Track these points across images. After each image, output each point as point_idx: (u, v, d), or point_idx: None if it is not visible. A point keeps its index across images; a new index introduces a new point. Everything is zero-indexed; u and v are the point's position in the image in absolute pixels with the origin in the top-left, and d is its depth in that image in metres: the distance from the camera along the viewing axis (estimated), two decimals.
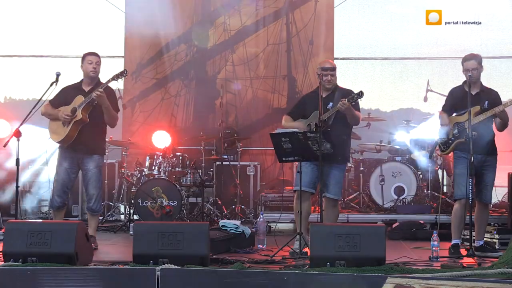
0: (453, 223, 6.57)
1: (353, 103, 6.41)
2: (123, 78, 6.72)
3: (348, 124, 6.66)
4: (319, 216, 6.33)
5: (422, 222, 7.96)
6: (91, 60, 6.65)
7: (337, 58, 10.49)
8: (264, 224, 7.09)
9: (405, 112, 10.29)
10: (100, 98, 6.44)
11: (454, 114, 6.62)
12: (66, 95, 6.66)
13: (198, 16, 10.53)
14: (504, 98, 6.65)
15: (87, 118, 6.53)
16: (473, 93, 6.43)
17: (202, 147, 9.19)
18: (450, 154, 6.99)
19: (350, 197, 9.06)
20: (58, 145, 6.79)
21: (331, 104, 6.55)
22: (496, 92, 6.59)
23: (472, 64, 6.43)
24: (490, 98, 6.49)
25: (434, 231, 6.17)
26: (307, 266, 5.25)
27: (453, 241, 6.46)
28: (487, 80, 6.75)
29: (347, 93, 6.57)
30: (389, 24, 10.54)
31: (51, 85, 6.57)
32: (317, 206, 7.00)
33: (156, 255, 5.19)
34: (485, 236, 6.83)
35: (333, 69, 6.65)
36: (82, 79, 6.77)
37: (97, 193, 6.73)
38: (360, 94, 6.33)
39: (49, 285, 4.76)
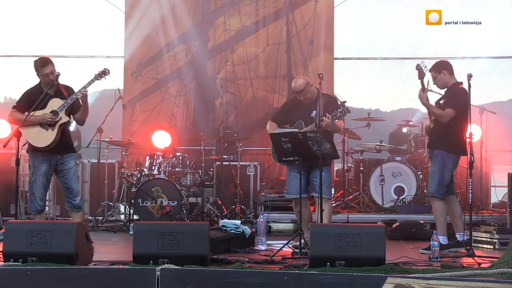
0: None
1: (336, 120, 6.45)
2: (105, 77, 6.61)
3: None
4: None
5: (422, 222, 7.96)
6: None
7: (337, 58, 10.49)
8: (264, 224, 7.09)
9: (405, 112, 10.28)
10: (85, 97, 6.47)
11: None
12: (31, 99, 6.51)
13: (198, 16, 10.53)
14: (505, 97, 6.67)
15: (70, 119, 6.59)
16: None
17: (202, 147, 9.18)
18: None
19: (350, 197, 9.06)
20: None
21: (314, 112, 6.62)
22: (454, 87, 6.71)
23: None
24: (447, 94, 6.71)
25: (434, 231, 6.18)
26: (307, 266, 5.26)
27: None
28: (487, 80, 6.77)
29: (330, 102, 6.65)
30: (389, 24, 10.55)
31: (51, 85, 6.55)
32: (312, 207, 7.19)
33: (156, 255, 5.20)
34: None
35: (300, 90, 6.71)
36: (40, 82, 6.64)
37: (79, 189, 6.81)
38: (344, 112, 6.39)
39: (49, 285, 4.76)
